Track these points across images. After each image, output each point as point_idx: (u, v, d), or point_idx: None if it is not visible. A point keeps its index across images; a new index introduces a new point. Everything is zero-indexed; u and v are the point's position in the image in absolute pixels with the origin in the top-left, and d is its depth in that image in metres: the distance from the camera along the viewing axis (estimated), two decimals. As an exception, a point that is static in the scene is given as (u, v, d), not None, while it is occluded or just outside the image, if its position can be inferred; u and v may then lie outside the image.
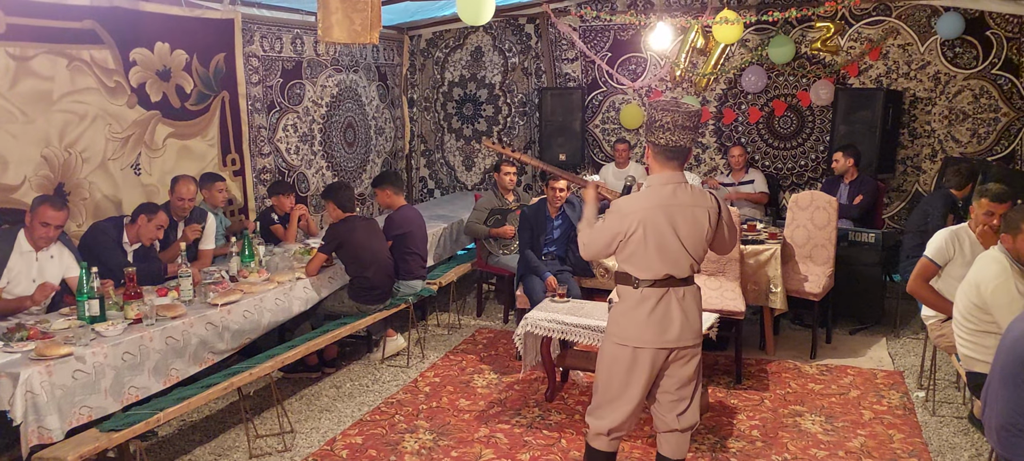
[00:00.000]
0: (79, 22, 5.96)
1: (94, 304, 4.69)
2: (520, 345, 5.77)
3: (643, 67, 9.78)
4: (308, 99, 8.67)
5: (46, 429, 4.05)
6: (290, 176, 8.43)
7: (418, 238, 6.95)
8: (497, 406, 5.84)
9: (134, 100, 6.46)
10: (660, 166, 3.81)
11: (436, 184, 11.21)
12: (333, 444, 5.25)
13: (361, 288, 6.41)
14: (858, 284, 7.26)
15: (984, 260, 4.55)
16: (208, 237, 6.45)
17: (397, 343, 6.87)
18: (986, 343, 4.45)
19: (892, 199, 8.95)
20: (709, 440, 5.22)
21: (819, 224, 6.84)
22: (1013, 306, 4.26)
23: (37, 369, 4.04)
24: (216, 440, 5.37)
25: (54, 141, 5.84)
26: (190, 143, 7.06)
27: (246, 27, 7.64)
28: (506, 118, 10.60)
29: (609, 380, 3.92)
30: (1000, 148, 8.48)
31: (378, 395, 6.10)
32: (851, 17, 8.80)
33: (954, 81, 8.54)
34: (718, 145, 9.65)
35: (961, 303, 4.66)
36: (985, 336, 4.48)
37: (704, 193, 3.83)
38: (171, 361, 4.86)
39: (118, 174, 6.36)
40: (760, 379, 6.25)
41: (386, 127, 10.32)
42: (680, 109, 3.72)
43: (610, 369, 3.90)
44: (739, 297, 6.34)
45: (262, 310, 5.64)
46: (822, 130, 9.15)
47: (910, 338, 7.10)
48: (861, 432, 5.30)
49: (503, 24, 10.30)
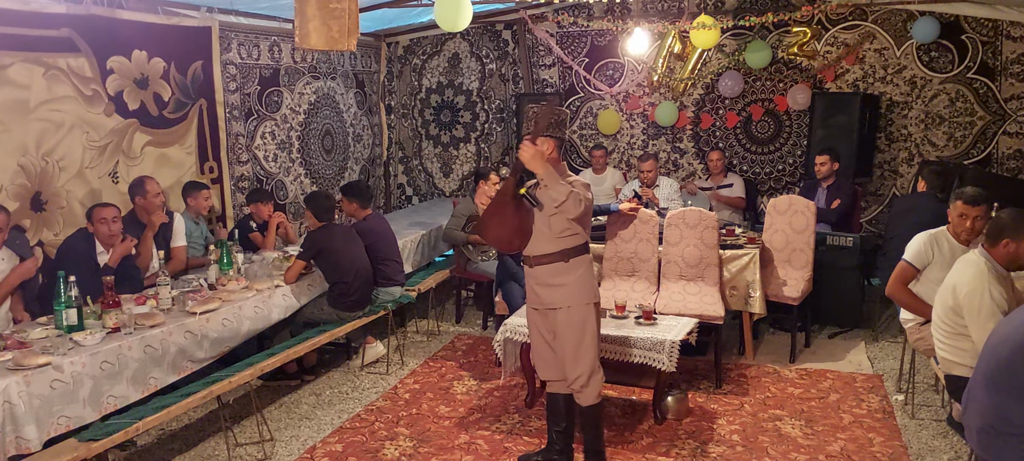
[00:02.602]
0: (56, 30, 5.92)
1: (72, 313, 4.66)
2: (499, 351, 5.77)
3: (621, 72, 9.81)
4: (286, 106, 8.64)
5: (24, 439, 4.02)
6: (268, 184, 8.40)
7: (382, 247, 6.91)
8: (477, 412, 5.84)
9: (111, 108, 6.42)
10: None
11: (414, 191, 11.19)
12: (313, 452, 5.23)
13: (340, 295, 6.39)
14: (837, 288, 7.30)
15: (963, 263, 4.57)
16: (178, 235, 6.42)
17: (376, 350, 6.86)
18: (963, 346, 4.48)
19: (869, 203, 9.01)
20: (689, 445, 5.23)
21: (797, 228, 6.87)
22: (983, 311, 4.27)
23: (15, 379, 4.01)
24: (195, 449, 5.34)
25: (31, 150, 5.80)
26: (168, 151, 7.02)
27: (223, 34, 7.61)
28: (483, 124, 10.60)
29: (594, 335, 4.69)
30: (976, 151, 8.56)
31: (358, 402, 6.08)
32: (827, 22, 8.86)
33: (930, 85, 8.61)
34: (696, 150, 9.69)
35: (939, 306, 4.69)
36: (962, 339, 4.50)
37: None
38: (150, 370, 4.83)
39: (96, 183, 6.32)
40: (740, 384, 6.27)
41: (364, 134, 10.30)
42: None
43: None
44: (718, 302, 6.36)
45: (241, 318, 5.61)
46: (799, 134, 9.21)
47: (889, 341, 7.14)
48: (841, 436, 5.33)
49: (480, 31, 10.30)
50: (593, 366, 4.65)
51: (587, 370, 4.62)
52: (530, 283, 4.69)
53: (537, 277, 4.62)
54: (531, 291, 4.71)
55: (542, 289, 4.61)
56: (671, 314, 6.08)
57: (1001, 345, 3.48)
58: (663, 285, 6.66)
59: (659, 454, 5.13)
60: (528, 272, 4.68)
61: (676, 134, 9.74)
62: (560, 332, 4.62)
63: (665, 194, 7.95)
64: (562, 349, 4.64)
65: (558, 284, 4.56)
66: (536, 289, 4.65)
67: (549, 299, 4.60)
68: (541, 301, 4.64)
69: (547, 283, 4.58)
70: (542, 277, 4.59)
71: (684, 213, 6.63)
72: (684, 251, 6.57)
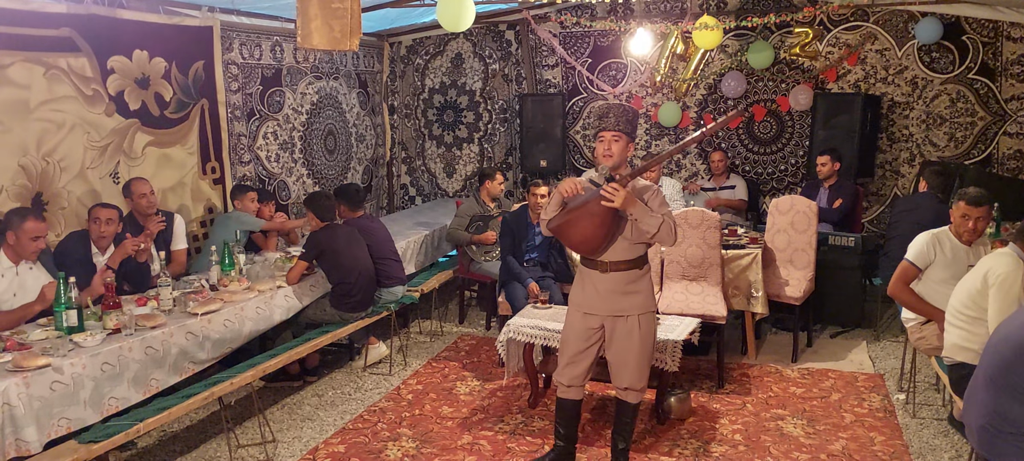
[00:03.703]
0: (56, 30, 5.91)
1: (72, 314, 4.65)
2: (503, 352, 5.77)
3: (623, 73, 9.80)
4: (288, 106, 8.64)
5: (24, 441, 4.01)
6: (270, 184, 8.39)
7: (374, 247, 6.87)
8: (480, 413, 5.83)
9: (112, 108, 6.41)
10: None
11: (417, 191, 11.18)
12: (315, 453, 5.23)
13: (342, 296, 6.39)
14: (838, 288, 7.30)
15: (998, 255, 4.56)
16: (178, 237, 6.42)
17: (379, 351, 6.85)
18: (979, 331, 4.48)
19: (871, 203, 9.00)
20: (692, 445, 5.23)
21: (799, 228, 6.86)
22: (1010, 297, 4.31)
23: (14, 380, 4.00)
24: (197, 451, 5.34)
25: (32, 150, 5.79)
26: (170, 151, 7.02)
27: (225, 34, 7.60)
28: (487, 125, 10.59)
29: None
30: (977, 151, 8.55)
31: (360, 403, 6.07)
32: (829, 23, 8.85)
33: (931, 85, 8.61)
34: (698, 150, 9.68)
35: (961, 291, 4.67)
36: (979, 324, 4.50)
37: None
38: (151, 371, 4.82)
39: (97, 183, 6.31)
40: (742, 383, 6.27)
41: (367, 134, 10.29)
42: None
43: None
44: (721, 302, 6.36)
45: (243, 319, 5.61)
46: (801, 135, 9.20)
47: (890, 341, 7.14)
48: (842, 435, 5.33)
49: (483, 31, 10.30)
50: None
51: (648, 374, 4.62)
52: (597, 288, 4.49)
53: (611, 283, 4.46)
54: (594, 297, 4.51)
55: (614, 296, 4.47)
56: (674, 314, 6.07)
57: (1002, 344, 3.51)
58: (666, 285, 6.66)
59: (662, 453, 5.12)
60: (595, 278, 4.49)
61: (679, 135, 9.73)
62: (626, 339, 4.51)
63: (667, 194, 7.93)
64: (626, 356, 4.52)
65: (633, 291, 4.47)
66: (605, 295, 4.47)
67: (620, 306, 4.47)
68: (610, 308, 4.49)
69: (623, 290, 4.46)
70: (617, 284, 4.45)
71: (686, 213, 6.62)
72: (686, 251, 6.57)
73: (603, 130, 4.36)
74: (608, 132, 4.34)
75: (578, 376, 4.67)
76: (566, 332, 4.69)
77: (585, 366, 4.65)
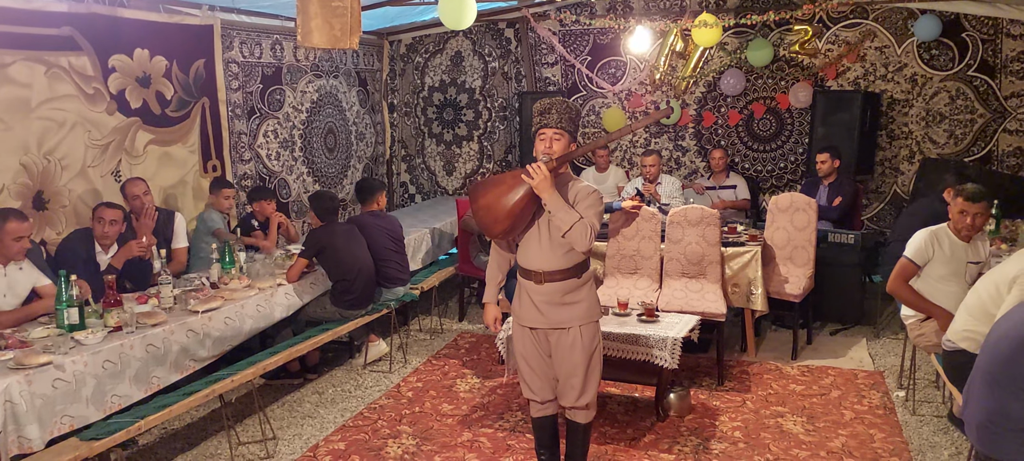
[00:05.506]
0: (57, 29, 5.93)
1: (73, 312, 4.66)
2: (502, 349, 5.77)
3: (623, 71, 9.81)
4: (288, 105, 8.65)
5: (26, 439, 4.02)
6: (271, 182, 8.41)
7: (373, 244, 6.80)
8: (480, 410, 5.84)
9: (114, 107, 6.42)
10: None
11: (417, 189, 11.20)
12: (316, 450, 5.24)
13: (343, 293, 6.40)
14: (838, 285, 7.30)
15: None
16: (179, 235, 6.44)
17: (379, 348, 6.86)
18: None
19: (871, 200, 9.01)
20: (692, 442, 5.24)
21: (799, 226, 6.87)
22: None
23: (16, 378, 4.01)
24: (198, 448, 5.35)
25: (33, 148, 5.80)
26: (171, 150, 7.03)
27: (225, 33, 7.61)
28: (486, 123, 10.61)
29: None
30: (977, 149, 8.56)
31: (361, 401, 6.09)
32: (829, 20, 8.86)
33: (931, 83, 8.62)
34: (698, 148, 9.69)
35: (987, 281, 4.60)
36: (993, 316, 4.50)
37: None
38: (152, 369, 4.84)
39: (98, 181, 6.32)
40: (742, 381, 6.28)
41: (367, 132, 10.31)
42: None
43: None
44: (720, 299, 6.36)
45: (243, 317, 5.62)
46: (801, 132, 9.21)
47: (890, 338, 7.15)
48: (842, 432, 5.34)
49: (483, 29, 10.31)
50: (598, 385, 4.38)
51: (596, 389, 4.32)
52: (533, 301, 4.19)
53: (546, 295, 4.13)
54: (531, 310, 4.20)
55: (551, 308, 4.14)
56: (673, 311, 6.08)
57: (1001, 341, 3.51)
58: (665, 282, 6.67)
59: (661, 451, 5.13)
60: (531, 288, 4.18)
61: (678, 132, 9.75)
62: (568, 353, 4.18)
63: (667, 191, 7.94)
64: (570, 370, 4.20)
65: (571, 302, 4.14)
66: (542, 308, 4.15)
67: (559, 318, 4.15)
68: (547, 320, 4.16)
69: (559, 302, 4.13)
70: (552, 295, 4.12)
71: (686, 211, 6.63)
72: (686, 248, 6.58)
73: (544, 127, 4.07)
74: (549, 129, 4.05)
75: (543, 390, 4.36)
76: (518, 347, 4.40)
77: (547, 379, 4.34)
